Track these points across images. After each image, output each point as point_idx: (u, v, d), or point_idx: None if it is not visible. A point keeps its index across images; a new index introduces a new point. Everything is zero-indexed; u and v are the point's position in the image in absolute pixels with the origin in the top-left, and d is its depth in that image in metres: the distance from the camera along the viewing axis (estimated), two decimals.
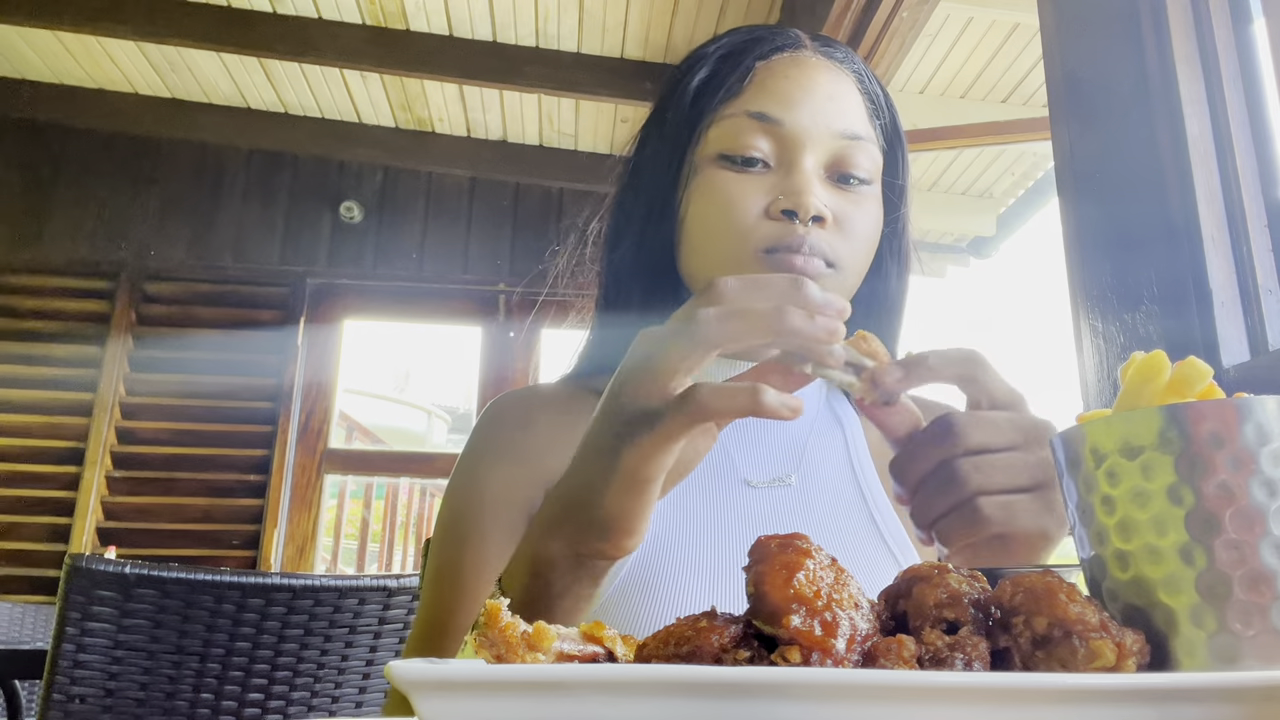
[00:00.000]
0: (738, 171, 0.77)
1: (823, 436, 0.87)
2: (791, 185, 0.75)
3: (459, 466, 0.84)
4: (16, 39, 3.72)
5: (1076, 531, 0.43)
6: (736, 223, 0.76)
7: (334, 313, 4.07)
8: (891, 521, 0.82)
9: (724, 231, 0.77)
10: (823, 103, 0.78)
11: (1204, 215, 1.10)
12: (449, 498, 0.83)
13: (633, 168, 0.88)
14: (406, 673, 0.32)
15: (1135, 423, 0.39)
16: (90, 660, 1.43)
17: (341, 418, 4.81)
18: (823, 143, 0.77)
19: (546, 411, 0.85)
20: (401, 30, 3.49)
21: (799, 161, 0.77)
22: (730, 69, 0.81)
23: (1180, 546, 0.38)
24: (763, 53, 0.81)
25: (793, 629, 0.35)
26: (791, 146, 0.77)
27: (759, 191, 0.76)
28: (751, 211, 0.76)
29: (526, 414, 0.85)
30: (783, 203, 0.75)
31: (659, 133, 0.85)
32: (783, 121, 0.77)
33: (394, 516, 5.67)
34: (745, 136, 0.77)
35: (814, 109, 0.78)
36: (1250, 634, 0.36)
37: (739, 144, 0.77)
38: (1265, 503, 0.37)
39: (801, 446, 0.85)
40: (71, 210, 4.01)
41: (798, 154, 0.77)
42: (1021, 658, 0.36)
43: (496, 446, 0.83)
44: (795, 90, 0.78)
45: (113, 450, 3.73)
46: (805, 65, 0.80)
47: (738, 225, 0.76)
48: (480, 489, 0.81)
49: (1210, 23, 1.17)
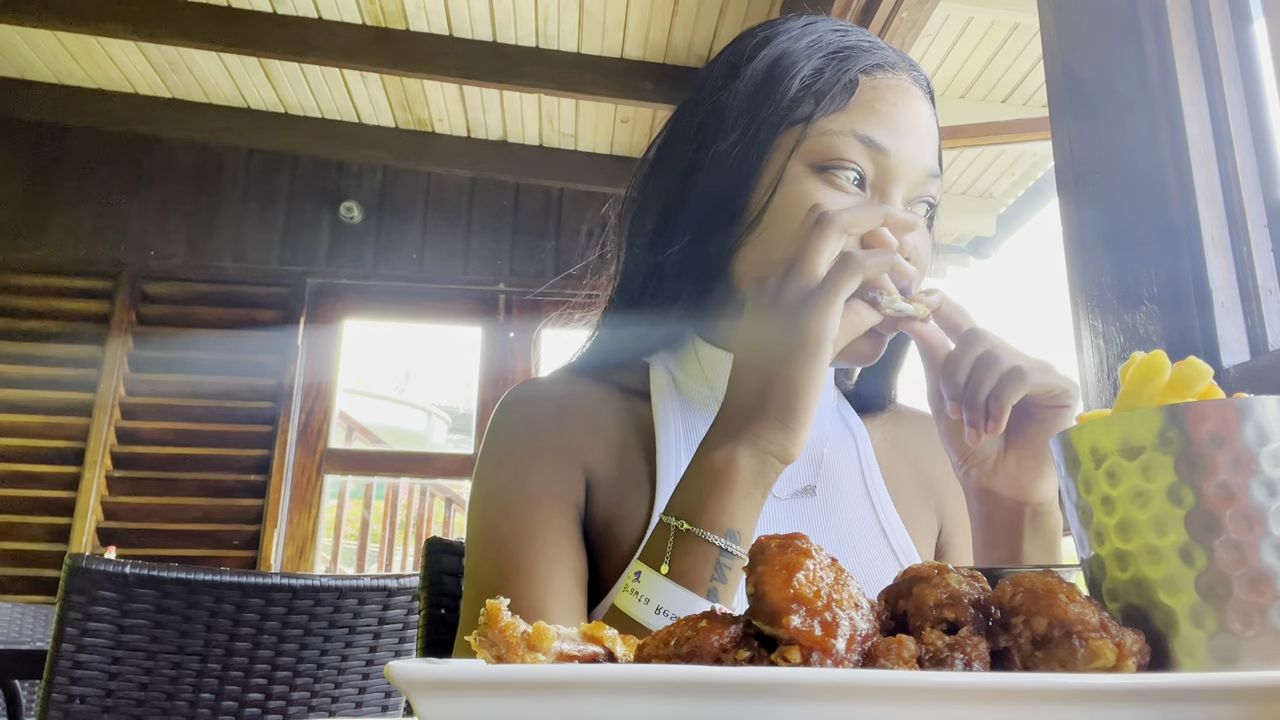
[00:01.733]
0: (833, 187, 0.76)
1: (837, 445, 0.86)
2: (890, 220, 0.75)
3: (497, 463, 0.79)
4: (16, 39, 3.72)
5: (1076, 531, 0.43)
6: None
7: (334, 313, 4.07)
8: (898, 529, 0.83)
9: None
10: (923, 138, 0.79)
11: (1204, 215, 1.10)
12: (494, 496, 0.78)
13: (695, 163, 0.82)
14: (406, 673, 0.32)
15: (1135, 423, 0.39)
16: (90, 660, 1.43)
17: (341, 418, 4.81)
18: (913, 178, 0.78)
19: (578, 403, 0.82)
20: (401, 30, 3.49)
21: (891, 193, 0.77)
22: (834, 77, 0.78)
23: (1180, 546, 0.38)
24: (865, 66, 0.79)
25: (793, 629, 0.35)
26: (889, 177, 0.77)
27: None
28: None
29: (562, 404, 0.82)
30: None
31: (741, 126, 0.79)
32: (889, 152, 0.76)
33: (394, 516, 5.67)
34: (850, 155, 0.76)
35: (916, 144, 0.78)
36: (1250, 634, 0.36)
37: (843, 161, 0.76)
38: (1265, 503, 0.37)
39: (819, 455, 0.84)
40: (71, 210, 4.01)
41: (892, 186, 0.77)
42: (1021, 658, 0.36)
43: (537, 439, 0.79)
44: (903, 121, 0.77)
45: (113, 450, 3.74)
46: (909, 94, 0.79)
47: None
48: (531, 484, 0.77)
49: (1210, 23, 1.17)
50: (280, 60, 3.62)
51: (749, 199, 0.78)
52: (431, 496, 6.07)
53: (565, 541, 0.75)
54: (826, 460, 0.84)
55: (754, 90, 0.80)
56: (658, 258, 0.81)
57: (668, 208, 0.82)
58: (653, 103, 3.56)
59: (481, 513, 0.78)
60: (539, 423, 0.81)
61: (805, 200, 0.75)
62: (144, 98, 4.07)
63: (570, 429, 0.80)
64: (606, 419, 0.81)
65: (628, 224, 0.86)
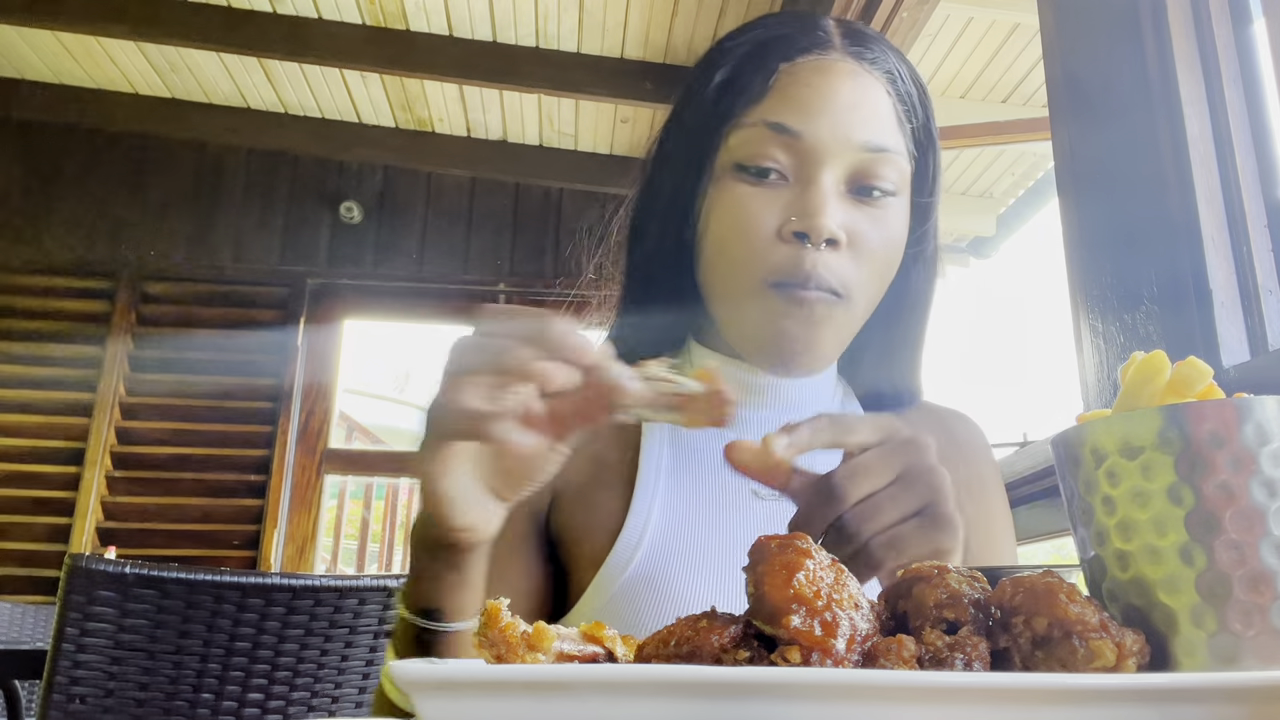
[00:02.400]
0: (754, 184, 0.74)
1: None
2: (806, 205, 0.72)
3: None
4: (16, 39, 3.71)
5: (1077, 531, 0.43)
6: (749, 243, 0.73)
7: (334, 313, 4.07)
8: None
9: (735, 253, 0.75)
10: (845, 113, 0.74)
11: (1204, 215, 1.10)
12: None
13: (653, 166, 0.85)
14: (406, 673, 0.32)
15: (1135, 423, 0.39)
16: (90, 660, 1.43)
17: (341, 418, 4.81)
18: (843, 156, 0.74)
19: None
20: (401, 30, 3.49)
21: (816, 177, 0.73)
22: (753, 70, 0.77)
23: (1180, 546, 0.38)
24: (788, 54, 0.76)
25: (793, 629, 0.35)
26: (809, 161, 0.73)
27: (774, 208, 0.73)
28: (764, 232, 0.73)
29: None
30: (795, 224, 0.72)
31: (679, 133, 0.82)
32: (801, 134, 0.73)
33: (394, 516, 5.66)
34: (762, 147, 0.74)
35: (834, 120, 0.73)
36: (1250, 634, 0.36)
37: (755, 155, 0.74)
38: (1265, 503, 0.37)
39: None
40: (71, 210, 4.01)
41: (816, 169, 0.73)
42: (1021, 658, 0.36)
43: None
44: (816, 99, 0.74)
45: (113, 450, 3.73)
46: (830, 71, 0.76)
47: (750, 246, 0.73)
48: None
49: (1210, 23, 1.17)
50: (280, 60, 3.62)
51: (695, 205, 0.79)
52: None
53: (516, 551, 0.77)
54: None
55: (686, 97, 0.81)
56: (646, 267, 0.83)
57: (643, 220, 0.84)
58: (653, 103, 3.56)
59: None
60: None
61: (726, 204, 0.75)
62: (144, 98, 4.07)
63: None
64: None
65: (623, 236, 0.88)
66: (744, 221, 0.74)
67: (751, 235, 0.74)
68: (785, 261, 0.72)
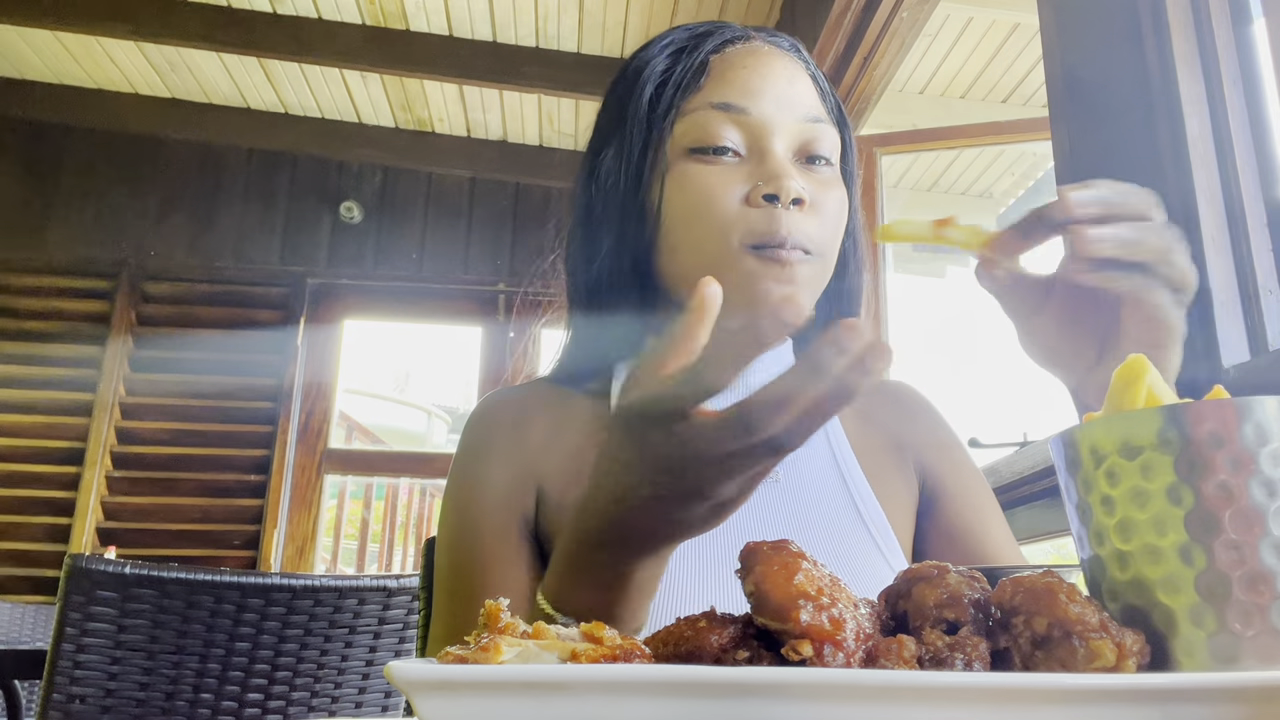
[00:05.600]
0: (710, 163, 0.77)
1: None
2: (769, 170, 0.76)
3: (457, 469, 0.84)
4: (16, 39, 3.72)
5: (1076, 531, 0.43)
6: (719, 214, 0.75)
7: (334, 313, 4.07)
8: (877, 517, 0.82)
9: (706, 225, 0.76)
10: (784, 88, 0.79)
11: (1204, 215, 1.10)
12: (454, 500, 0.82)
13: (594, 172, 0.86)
14: (406, 673, 0.32)
15: (1135, 423, 0.39)
16: (90, 660, 1.43)
17: (341, 418, 4.81)
18: (789, 128, 0.78)
19: (538, 411, 0.85)
20: (401, 30, 3.49)
21: (770, 147, 0.77)
22: (685, 63, 0.81)
23: (1180, 546, 0.38)
24: (715, 46, 0.81)
25: (803, 624, 0.35)
26: (760, 134, 0.77)
27: (735, 181, 0.76)
28: (732, 201, 0.76)
29: (520, 415, 0.84)
30: (763, 188, 0.75)
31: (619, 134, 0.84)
32: (748, 110, 0.77)
33: (394, 516, 5.66)
34: (713, 127, 0.77)
35: (776, 95, 0.79)
36: (1250, 634, 0.36)
37: (708, 135, 0.77)
38: (1265, 503, 0.37)
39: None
40: (71, 210, 4.01)
41: (767, 140, 0.77)
42: (1021, 658, 0.36)
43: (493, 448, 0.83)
44: (755, 78, 0.79)
45: (113, 450, 3.73)
46: (760, 54, 0.81)
47: (720, 217, 0.75)
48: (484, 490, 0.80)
49: (1210, 23, 1.17)
50: (280, 60, 3.62)
51: (646, 200, 0.81)
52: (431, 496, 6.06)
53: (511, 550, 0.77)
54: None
55: (621, 99, 0.84)
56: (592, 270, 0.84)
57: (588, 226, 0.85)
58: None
59: (441, 516, 0.83)
60: (495, 434, 0.83)
61: (686, 184, 0.77)
62: (144, 98, 4.07)
63: (526, 440, 0.82)
64: (567, 423, 0.83)
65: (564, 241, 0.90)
66: (709, 194, 0.76)
67: (719, 206, 0.76)
68: (759, 224, 0.75)
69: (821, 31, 2.55)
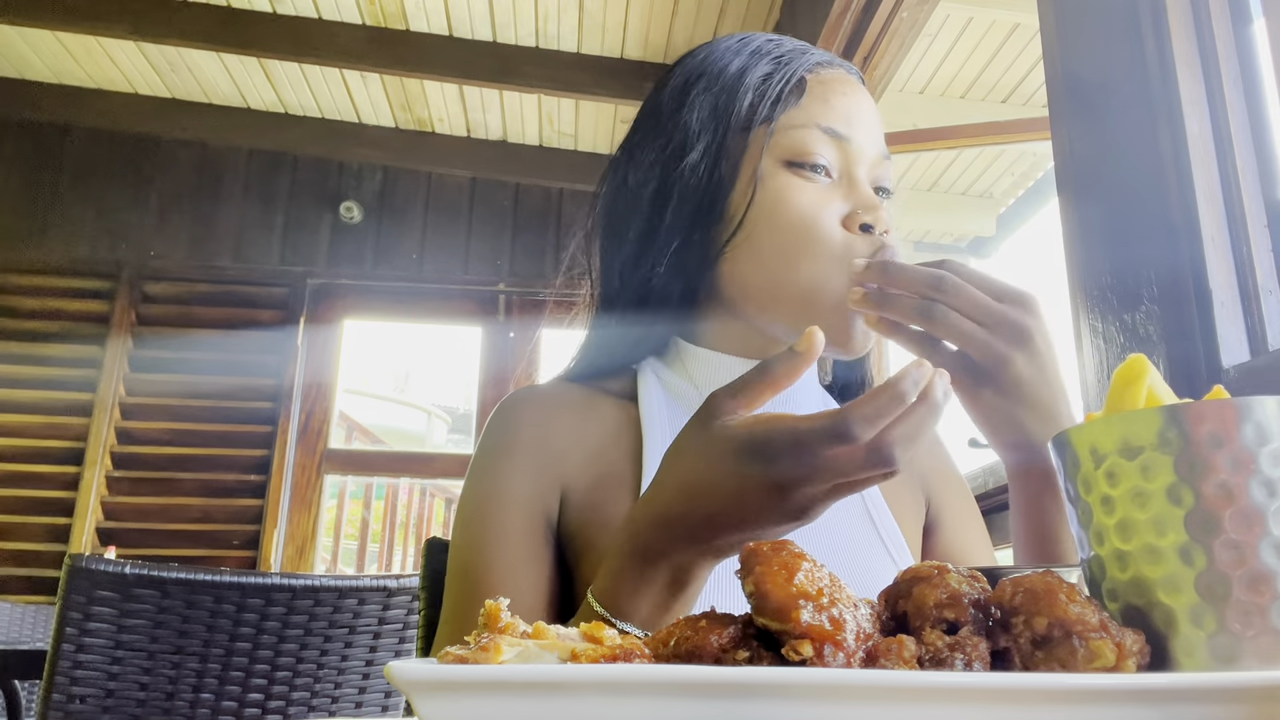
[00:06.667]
0: (807, 179, 0.79)
1: None
2: (863, 199, 0.79)
3: (479, 467, 0.82)
4: (16, 39, 3.72)
5: (1076, 532, 0.43)
6: (821, 231, 0.78)
7: (334, 313, 4.07)
8: (889, 524, 0.82)
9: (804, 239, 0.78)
10: (871, 123, 0.83)
11: (1204, 215, 1.10)
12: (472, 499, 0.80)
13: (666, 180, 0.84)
14: (406, 673, 0.32)
15: (1135, 423, 0.39)
16: (90, 660, 1.43)
17: (341, 418, 4.81)
18: (871, 160, 0.82)
19: (564, 412, 0.83)
20: (401, 30, 3.49)
21: (858, 176, 0.81)
22: (782, 75, 0.83)
23: (1180, 546, 0.38)
24: (808, 65, 0.84)
25: (804, 624, 0.35)
26: (852, 162, 0.81)
27: (833, 200, 0.79)
28: (832, 220, 0.78)
29: (545, 415, 0.83)
30: (862, 217, 0.78)
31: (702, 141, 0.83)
32: (850, 139, 0.81)
33: (394, 516, 5.67)
34: (815, 146, 0.80)
35: (867, 129, 0.82)
36: (1250, 634, 0.36)
37: (810, 152, 0.79)
38: (1265, 503, 0.37)
39: None
40: (71, 210, 4.01)
41: (856, 169, 0.81)
42: (1021, 658, 0.36)
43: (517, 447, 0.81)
44: (854, 109, 0.83)
45: (113, 450, 3.73)
46: (852, 85, 0.85)
47: (823, 233, 0.78)
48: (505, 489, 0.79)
49: (1210, 23, 1.17)
50: (280, 60, 3.62)
51: (728, 204, 0.81)
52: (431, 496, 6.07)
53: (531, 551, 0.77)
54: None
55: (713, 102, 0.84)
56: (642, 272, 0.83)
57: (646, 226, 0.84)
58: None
59: (459, 515, 0.81)
60: (519, 433, 0.82)
61: (787, 197, 0.79)
62: (144, 98, 4.07)
63: (550, 439, 0.81)
64: (592, 425, 0.82)
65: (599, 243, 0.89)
66: (812, 210, 0.79)
67: (821, 223, 0.78)
68: (865, 247, 0.78)
69: (821, 31, 2.55)
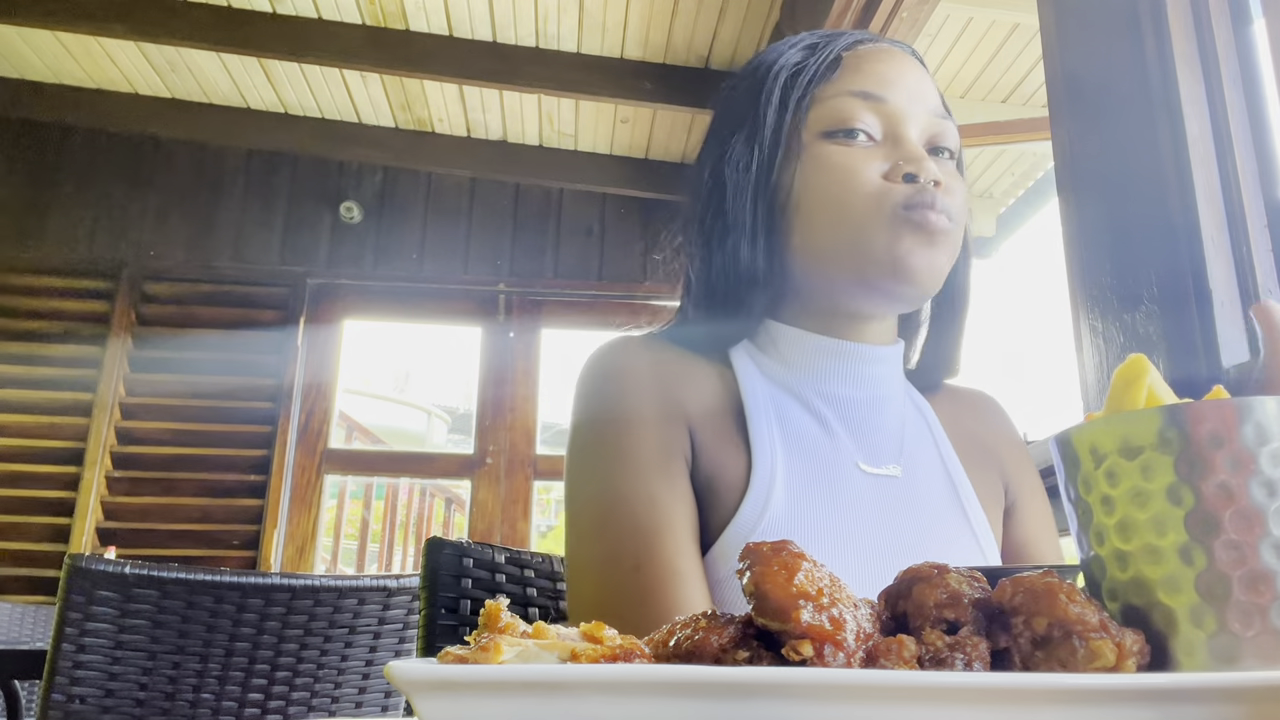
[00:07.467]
0: (846, 145, 0.80)
1: (913, 427, 0.87)
2: (908, 152, 0.79)
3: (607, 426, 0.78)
4: (16, 39, 3.71)
5: (1076, 532, 0.43)
6: (860, 187, 0.78)
7: (334, 313, 4.07)
8: (977, 513, 0.83)
9: (847, 198, 0.78)
10: (914, 82, 0.83)
11: (1204, 215, 1.10)
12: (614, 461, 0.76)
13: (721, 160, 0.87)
14: (406, 673, 0.32)
15: (1135, 423, 0.39)
16: (90, 660, 1.43)
17: (341, 418, 4.81)
18: (920, 119, 0.82)
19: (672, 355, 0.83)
20: (401, 30, 3.49)
21: (905, 134, 0.80)
22: (819, 56, 0.84)
23: (1180, 546, 0.38)
24: (846, 44, 0.85)
25: (804, 624, 0.35)
26: (896, 121, 0.81)
27: (874, 159, 0.79)
28: (873, 176, 0.78)
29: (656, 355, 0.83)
30: (904, 168, 0.78)
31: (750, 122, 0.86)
32: (885, 98, 0.81)
33: (394, 516, 5.67)
34: (850, 112, 0.80)
35: (909, 88, 0.82)
36: (1250, 634, 0.36)
37: (844, 119, 0.80)
38: (1265, 503, 0.37)
39: (900, 437, 0.85)
40: (71, 210, 4.01)
41: (902, 128, 0.80)
42: (1021, 658, 0.36)
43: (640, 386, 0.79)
44: (890, 71, 0.83)
45: (113, 450, 3.73)
46: (892, 53, 0.85)
47: (862, 189, 0.78)
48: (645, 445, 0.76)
49: (1210, 23, 1.17)
50: (280, 60, 3.62)
51: (779, 182, 0.83)
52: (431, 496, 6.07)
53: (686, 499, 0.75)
54: (907, 443, 0.85)
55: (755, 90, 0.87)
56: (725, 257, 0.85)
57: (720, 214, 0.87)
58: (653, 103, 3.56)
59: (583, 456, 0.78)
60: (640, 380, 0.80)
61: (824, 163, 0.80)
62: (144, 98, 4.06)
63: (670, 384, 0.80)
64: (702, 381, 0.82)
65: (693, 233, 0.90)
66: (849, 170, 0.79)
67: (860, 179, 0.79)
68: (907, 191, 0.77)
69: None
